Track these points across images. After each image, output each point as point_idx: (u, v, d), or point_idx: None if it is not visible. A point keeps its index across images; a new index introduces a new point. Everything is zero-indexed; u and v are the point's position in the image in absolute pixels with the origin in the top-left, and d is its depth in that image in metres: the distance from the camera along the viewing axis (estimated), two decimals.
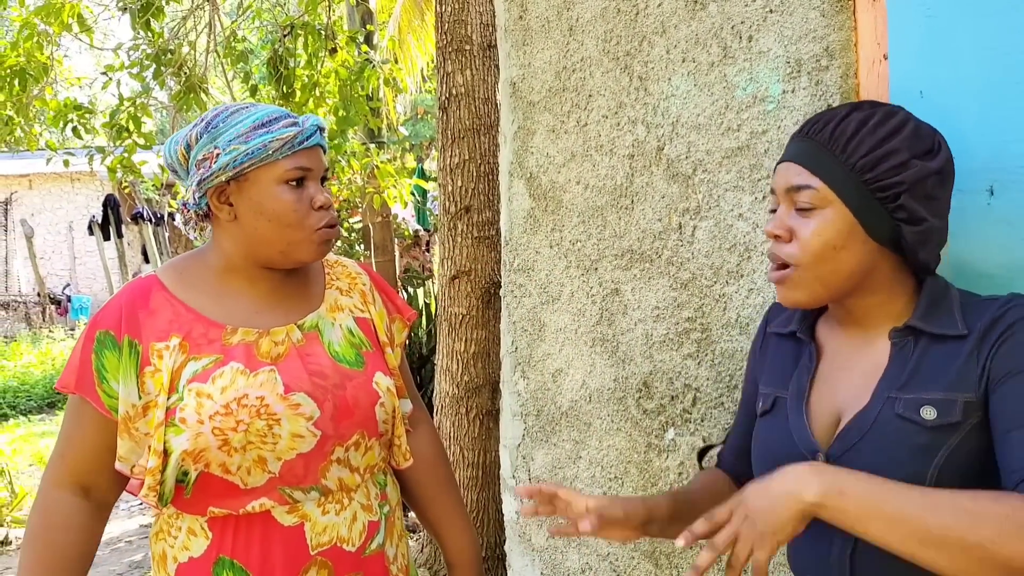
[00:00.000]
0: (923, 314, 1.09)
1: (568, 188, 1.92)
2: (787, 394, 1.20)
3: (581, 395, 1.92)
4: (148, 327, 1.30)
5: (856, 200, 1.06)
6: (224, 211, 1.34)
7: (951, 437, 1.02)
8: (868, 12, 1.37)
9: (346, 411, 1.35)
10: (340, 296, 1.46)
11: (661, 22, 1.68)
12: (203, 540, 1.31)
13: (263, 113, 1.33)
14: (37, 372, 10.27)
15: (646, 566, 1.79)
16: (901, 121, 1.07)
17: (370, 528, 1.39)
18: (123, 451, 1.31)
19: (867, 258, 1.09)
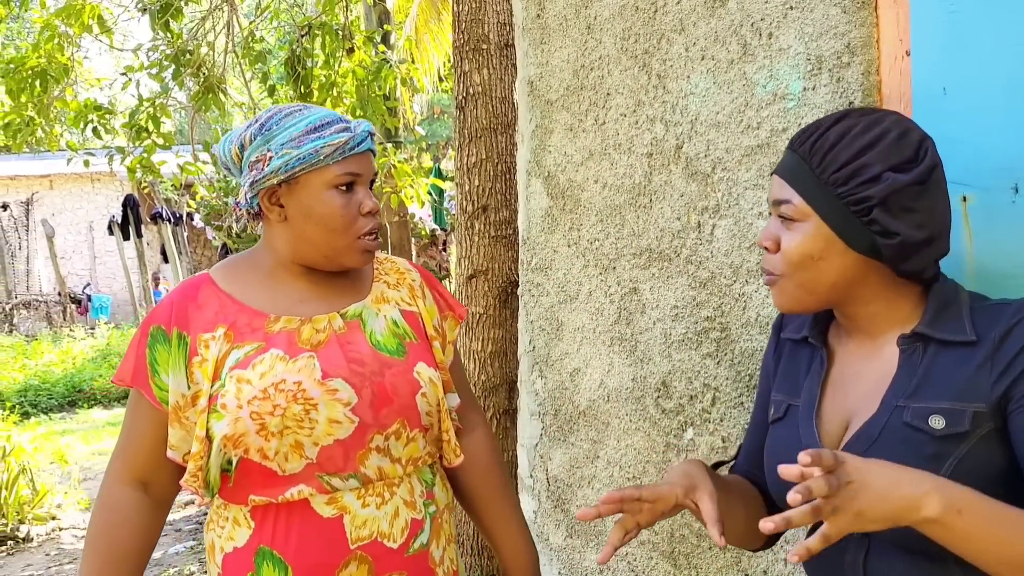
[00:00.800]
0: (931, 320, 1.08)
1: (586, 187, 1.91)
2: (799, 401, 1.20)
3: (599, 394, 1.92)
4: (196, 320, 1.35)
5: (831, 214, 1.07)
6: (275, 212, 1.37)
7: (959, 447, 1.01)
8: (890, 8, 1.36)
9: (385, 398, 1.35)
10: (387, 289, 1.48)
11: (680, 19, 1.67)
12: (246, 530, 1.34)
13: (316, 117, 1.35)
14: (58, 371, 10.37)
15: (664, 566, 1.78)
16: (882, 132, 1.06)
17: (413, 526, 1.37)
18: (174, 440, 1.35)
19: (851, 268, 1.09)
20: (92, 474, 6.64)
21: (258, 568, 1.32)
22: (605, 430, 1.91)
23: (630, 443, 1.85)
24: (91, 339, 12.52)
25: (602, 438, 1.92)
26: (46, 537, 5.16)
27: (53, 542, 5.09)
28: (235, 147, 1.38)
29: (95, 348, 11.68)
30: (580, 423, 1.97)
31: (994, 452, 1.01)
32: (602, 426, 1.92)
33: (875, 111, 1.11)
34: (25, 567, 4.67)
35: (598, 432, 1.93)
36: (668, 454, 1.77)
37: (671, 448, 1.76)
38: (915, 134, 1.08)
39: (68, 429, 8.31)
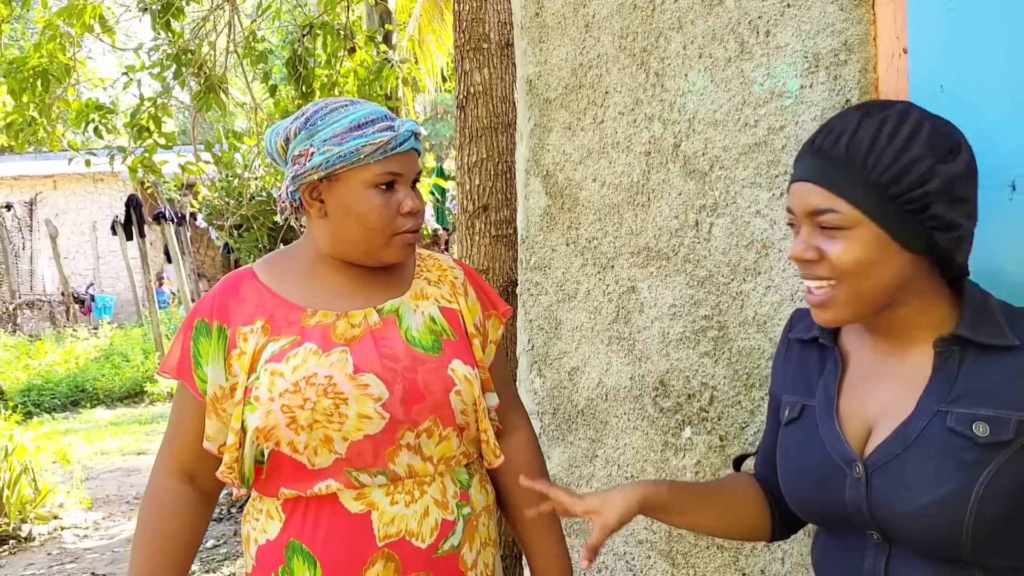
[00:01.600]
0: (970, 323, 1.05)
1: (584, 185, 1.91)
2: (814, 402, 1.18)
3: (597, 393, 1.91)
4: (236, 313, 1.37)
5: (885, 216, 1.03)
6: (315, 207, 1.37)
7: (1000, 454, 1.00)
8: (887, 5, 1.36)
9: (417, 395, 1.34)
10: (427, 286, 1.47)
11: (678, 18, 1.67)
12: (277, 523, 1.35)
13: (361, 114, 1.34)
14: (61, 371, 10.39)
15: (663, 565, 1.78)
16: (916, 124, 1.04)
17: (443, 527, 1.36)
18: (211, 431, 1.37)
19: (905, 270, 1.06)
20: (94, 474, 6.65)
21: (289, 561, 1.33)
22: (604, 429, 1.91)
23: (628, 442, 1.84)
24: (94, 339, 12.55)
25: (600, 437, 1.91)
26: (48, 536, 5.17)
27: (55, 541, 5.10)
28: (281, 140, 1.39)
29: (98, 348, 11.71)
30: (579, 422, 1.97)
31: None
32: (600, 425, 1.91)
33: (886, 104, 1.08)
34: (27, 566, 4.68)
35: (596, 431, 1.92)
36: (666, 453, 1.76)
37: (669, 447, 1.76)
38: (943, 122, 1.05)
39: (71, 429, 8.32)
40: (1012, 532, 1.01)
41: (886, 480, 1.06)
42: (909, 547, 1.06)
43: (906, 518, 1.04)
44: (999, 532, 1.01)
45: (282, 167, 1.44)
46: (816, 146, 1.08)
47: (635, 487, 1.20)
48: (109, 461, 7.12)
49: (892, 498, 1.05)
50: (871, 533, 1.09)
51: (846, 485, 1.10)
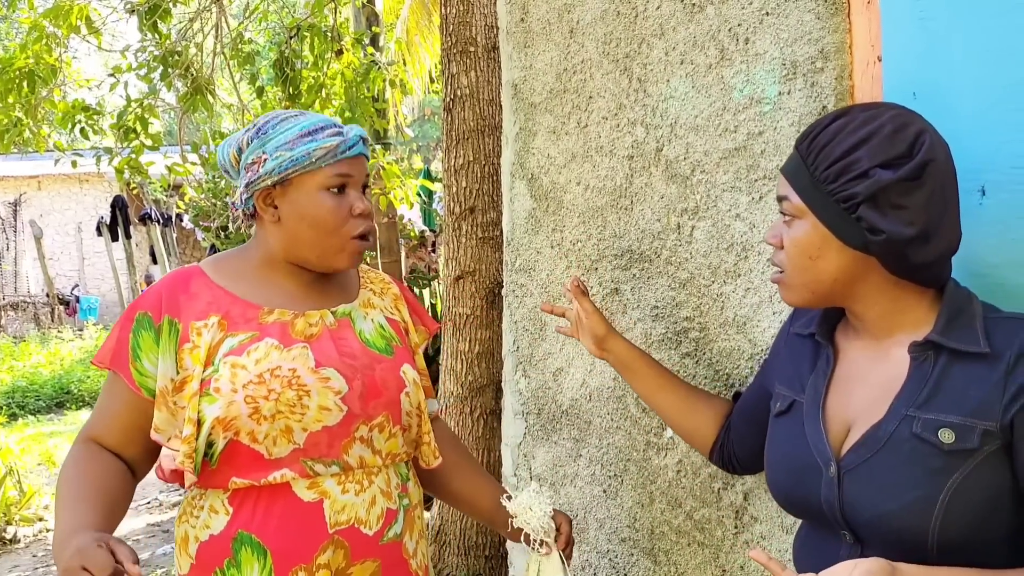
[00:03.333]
0: (943, 328, 1.07)
1: (569, 189, 1.94)
2: (803, 398, 1.21)
3: (581, 394, 1.94)
4: (188, 308, 1.39)
5: (824, 211, 1.09)
6: (269, 213, 1.42)
7: (966, 462, 1.02)
8: (862, 14, 1.39)
9: (374, 391, 1.41)
10: (373, 296, 1.55)
11: (660, 24, 1.70)
12: (223, 516, 1.36)
13: (310, 122, 1.41)
14: (46, 372, 10.32)
15: (645, 562, 1.81)
16: (876, 127, 1.07)
17: (388, 515, 1.42)
18: (160, 422, 1.38)
19: (850, 265, 1.10)
20: None
21: (236, 553, 1.35)
22: (587, 429, 1.93)
23: (611, 441, 1.87)
24: (79, 340, 12.48)
25: (584, 437, 1.94)
26: (33, 538, 5.15)
27: (40, 543, 5.08)
28: (233, 151, 1.45)
29: (83, 349, 11.64)
30: (563, 422, 1.99)
31: (997, 470, 1.02)
32: (584, 425, 1.94)
33: (878, 106, 1.12)
34: (12, 568, 4.66)
35: (580, 431, 1.95)
36: (648, 452, 1.79)
37: (651, 446, 1.78)
38: (913, 129, 1.07)
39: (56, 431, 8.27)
40: (977, 539, 1.03)
41: (857, 482, 1.09)
42: (879, 549, 1.08)
43: (874, 521, 1.06)
44: (964, 538, 1.02)
45: (234, 179, 1.49)
46: (797, 140, 1.15)
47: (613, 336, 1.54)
48: None
49: (861, 501, 1.08)
50: (843, 533, 1.12)
51: (821, 483, 1.13)
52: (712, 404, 1.49)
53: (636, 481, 1.82)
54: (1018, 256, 1.21)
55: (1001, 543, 1.05)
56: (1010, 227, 1.21)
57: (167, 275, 1.47)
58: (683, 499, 1.72)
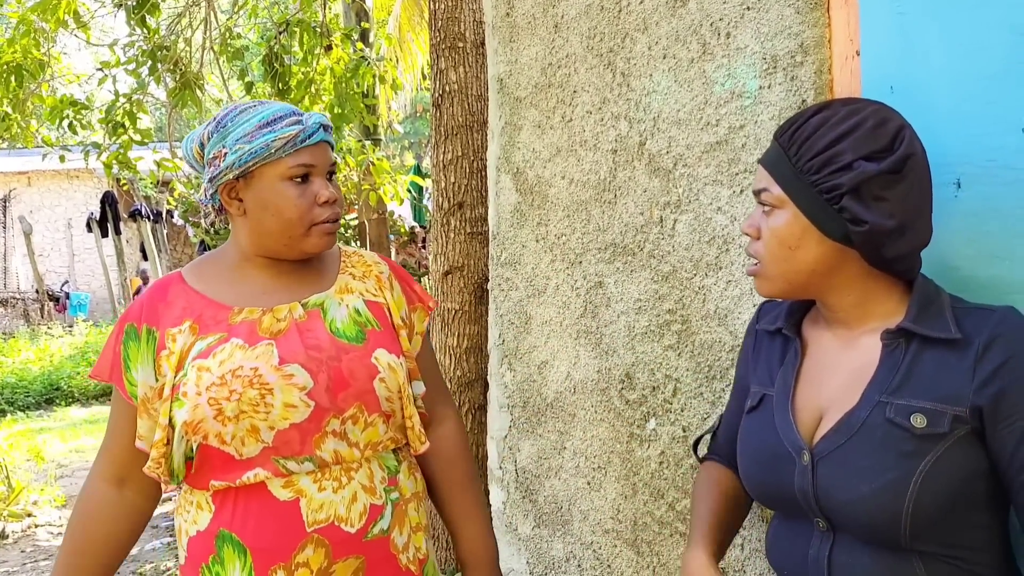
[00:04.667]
0: (915, 316, 1.10)
1: (553, 183, 1.95)
2: (773, 391, 1.23)
3: (566, 386, 1.95)
4: (165, 316, 1.41)
5: (806, 202, 1.11)
6: (234, 206, 1.42)
7: (937, 446, 1.04)
8: (841, 9, 1.40)
9: (341, 383, 1.39)
10: (352, 280, 1.52)
11: (643, 19, 1.71)
12: (207, 514, 1.38)
13: (269, 112, 1.40)
14: (35, 369, 10.29)
15: (628, 554, 1.82)
16: (859, 121, 1.09)
17: (372, 511, 1.40)
18: (142, 430, 1.40)
19: (828, 256, 1.12)
20: (69, 471, 6.61)
21: (219, 550, 1.35)
22: (572, 421, 1.95)
23: (595, 434, 1.88)
24: (69, 337, 12.43)
25: (568, 429, 1.95)
26: (21, 534, 5.14)
27: (29, 539, 5.07)
28: (195, 146, 1.44)
29: (73, 346, 11.60)
30: (548, 415, 2.01)
31: (968, 454, 1.04)
32: (569, 417, 1.95)
33: (858, 101, 1.14)
34: (0, 563, 4.65)
35: (565, 423, 1.96)
36: (632, 444, 1.81)
37: (634, 438, 1.80)
38: (893, 124, 1.10)
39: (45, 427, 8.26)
40: (948, 522, 1.05)
41: (831, 468, 1.10)
42: (852, 534, 1.10)
43: (848, 505, 1.08)
44: (936, 521, 1.05)
45: (200, 172, 1.48)
46: (775, 133, 1.17)
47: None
48: (84, 459, 7.07)
49: (836, 486, 1.10)
50: (817, 520, 1.14)
51: (795, 472, 1.14)
52: (726, 480, 1.39)
53: (619, 473, 1.83)
54: (992, 248, 1.22)
55: (971, 528, 1.07)
56: (984, 220, 1.23)
57: (151, 284, 1.49)
58: (665, 490, 1.74)
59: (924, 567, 1.06)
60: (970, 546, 1.07)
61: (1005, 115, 1.20)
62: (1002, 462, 1.04)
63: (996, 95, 1.21)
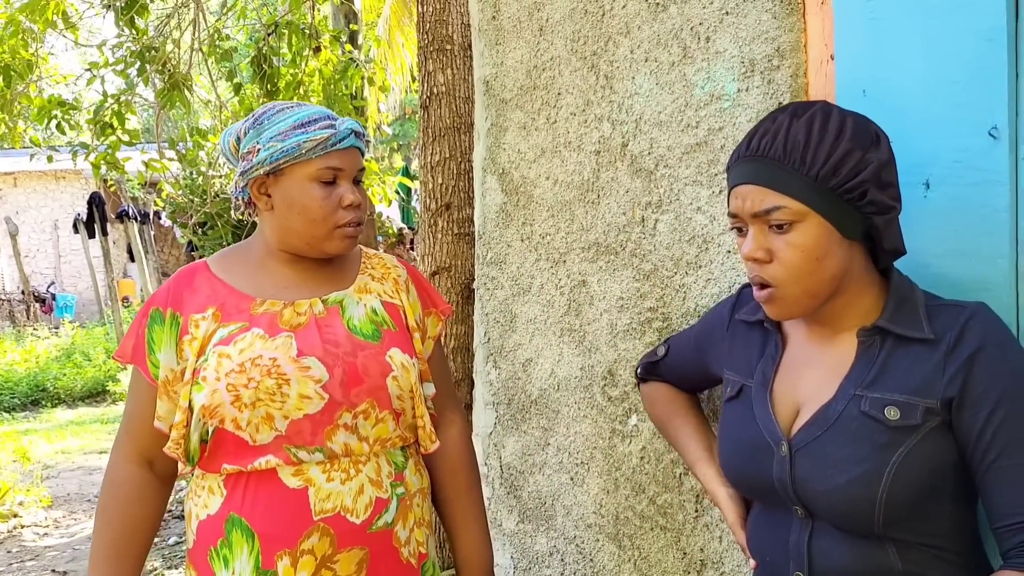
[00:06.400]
0: (891, 316, 1.14)
1: (538, 183, 1.98)
2: (752, 382, 1.26)
3: (550, 384, 1.98)
4: (189, 302, 1.46)
5: (829, 207, 1.10)
6: (262, 201, 1.48)
7: (910, 438, 1.08)
8: (816, 14, 1.44)
9: (355, 378, 1.43)
10: (371, 281, 1.56)
11: (625, 23, 1.75)
12: (219, 497, 1.42)
13: (305, 114, 1.45)
14: (21, 370, 10.25)
15: (610, 547, 1.86)
16: (840, 120, 1.12)
17: (377, 504, 1.43)
18: (161, 411, 1.45)
19: (845, 257, 1.13)
20: (55, 472, 6.60)
21: (228, 534, 1.39)
22: (555, 418, 1.98)
23: (578, 430, 1.92)
24: (55, 338, 12.39)
25: (552, 426, 1.98)
26: (7, 534, 5.13)
27: (15, 539, 5.06)
28: (232, 139, 1.51)
29: (59, 347, 11.56)
30: (532, 412, 2.04)
31: (939, 445, 1.09)
32: (552, 414, 1.98)
33: (808, 104, 1.17)
34: None
35: (548, 420, 1.99)
36: (614, 440, 1.84)
37: (616, 434, 1.83)
38: (860, 116, 1.14)
39: (31, 428, 8.23)
40: (921, 511, 1.10)
41: (808, 459, 1.14)
42: (829, 522, 1.14)
43: (825, 495, 1.12)
44: (908, 510, 1.09)
45: (234, 166, 1.54)
46: (752, 149, 1.14)
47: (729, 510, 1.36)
48: (70, 460, 7.06)
49: (813, 476, 1.13)
50: (796, 509, 1.17)
51: (773, 462, 1.18)
52: (686, 398, 1.56)
53: (602, 468, 1.87)
54: (960, 246, 1.26)
55: (943, 517, 1.11)
56: (952, 219, 1.27)
57: (178, 271, 1.54)
58: (646, 485, 1.77)
59: (898, 554, 1.10)
60: (942, 534, 1.11)
61: (972, 118, 1.24)
62: (968, 448, 1.08)
63: (963, 99, 1.25)
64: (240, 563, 1.38)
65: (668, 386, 1.55)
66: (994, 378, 1.06)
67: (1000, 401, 1.05)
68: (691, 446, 1.44)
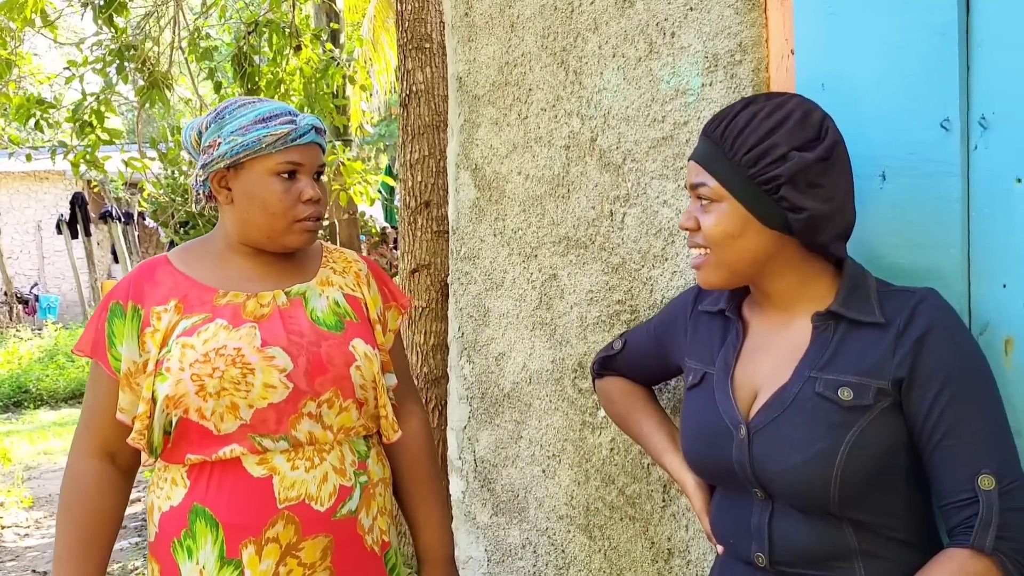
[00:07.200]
0: (843, 301, 1.17)
1: (510, 178, 2.00)
2: (714, 369, 1.29)
3: (522, 377, 2.00)
4: (151, 295, 1.47)
5: (744, 193, 1.16)
6: (223, 194, 1.50)
7: (863, 417, 1.11)
8: (777, 10, 1.46)
9: (319, 367, 1.45)
10: (333, 274, 1.59)
11: (594, 19, 1.77)
12: (182, 488, 1.43)
13: (266, 109, 1.48)
14: (3, 372, 10.19)
15: (581, 539, 1.87)
16: (786, 114, 1.15)
17: (341, 492, 1.46)
18: (124, 403, 1.46)
19: (767, 244, 1.18)
20: (37, 473, 6.57)
21: (191, 524, 1.40)
22: (527, 411, 1.99)
23: (550, 423, 1.94)
24: (38, 339, 12.30)
25: (524, 419, 2.00)
26: None
27: None
28: (194, 133, 1.52)
29: (42, 348, 11.49)
30: (505, 405, 2.05)
31: (891, 424, 1.11)
32: (525, 407, 2.00)
33: (780, 95, 1.20)
34: None
35: (521, 413, 2.01)
36: (584, 431, 1.86)
37: (587, 426, 1.85)
38: (817, 114, 1.17)
39: (13, 430, 8.18)
40: (875, 491, 1.12)
41: (765, 440, 1.17)
42: (788, 503, 1.17)
43: (782, 475, 1.14)
44: (862, 489, 1.11)
45: (196, 159, 1.56)
46: (704, 129, 1.22)
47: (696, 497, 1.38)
48: (52, 461, 7.02)
49: (770, 457, 1.16)
50: (755, 491, 1.20)
51: (732, 446, 1.20)
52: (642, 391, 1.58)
53: (573, 460, 1.89)
54: (914, 237, 1.29)
55: (896, 498, 1.13)
56: (907, 210, 1.29)
57: (138, 265, 1.54)
58: (616, 476, 1.79)
59: (854, 534, 1.13)
60: (896, 515, 1.14)
61: (925, 111, 1.27)
62: (916, 428, 1.11)
63: (917, 92, 1.27)
64: (204, 553, 1.39)
65: (625, 380, 1.57)
66: (941, 360, 1.08)
67: (946, 382, 1.08)
68: (655, 437, 1.46)
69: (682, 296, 1.45)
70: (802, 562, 1.16)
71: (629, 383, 1.57)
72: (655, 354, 1.49)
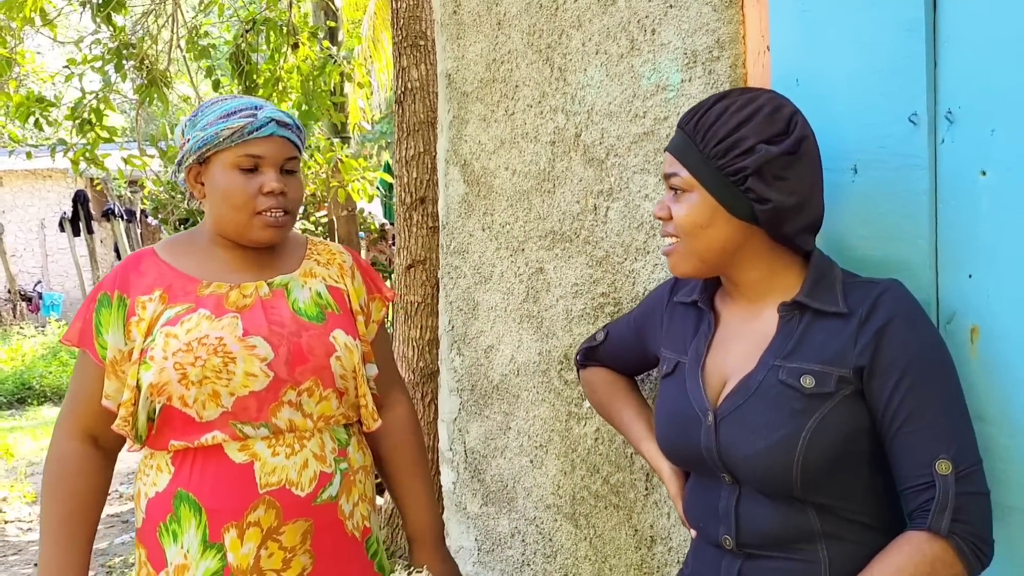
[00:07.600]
0: (809, 291, 1.20)
1: (498, 174, 2.03)
2: (687, 359, 1.33)
3: (510, 369, 2.03)
4: (136, 285, 1.51)
5: (713, 184, 1.19)
6: (197, 189, 1.55)
7: (824, 404, 1.14)
8: (754, 7, 1.49)
9: (300, 357, 1.49)
10: (316, 266, 1.63)
11: (577, 16, 1.80)
12: (167, 475, 1.47)
13: (231, 105, 1.52)
14: (7, 368, 10.25)
15: (567, 527, 1.91)
16: (756, 108, 1.18)
17: (321, 478, 1.49)
18: (109, 390, 1.50)
19: (735, 234, 1.21)
20: (39, 469, 6.61)
21: (176, 509, 1.44)
22: (516, 403, 2.03)
23: (537, 414, 1.97)
24: (41, 336, 12.37)
25: (513, 410, 2.04)
26: None
27: None
28: (179, 132, 1.58)
29: (45, 345, 11.55)
30: (494, 397, 2.09)
31: (852, 411, 1.15)
32: (513, 399, 2.03)
33: (753, 90, 1.23)
34: None
35: (509, 404, 2.04)
36: (570, 422, 1.89)
37: (573, 416, 1.88)
38: (787, 110, 1.20)
39: (16, 426, 8.23)
40: (837, 475, 1.15)
41: (731, 427, 1.20)
42: (753, 487, 1.20)
43: (747, 460, 1.18)
44: (824, 474, 1.14)
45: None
46: (680, 121, 1.26)
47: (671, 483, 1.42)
48: None
49: (736, 442, 1.19)
50: (723, 476, 1.23)
51: (701, 432, 1.24)
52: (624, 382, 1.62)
53: (559, 450, 1.92)
54: (884, 229, 1.32)
55: (858, 482, 1.17)
56: (877, 203, 1.32)
57: (125, 257, 1.61)
58: (600, 465, 1.83)
59: (818, 517, 1.16)
60: (859, 499, 1.17)
61: (894, 106, 1.29)
62: (877, 415, 1.14)
63: (886, 87, 1.30)
64: (188, 537, 1.42)
65: (607, 370, 1.61)
66: (902, 349, 1.11)
67: (907, 370, 1.11)
68: (635, 427, 1.50)
69: (659, 288, 1.49)
70: (767, 544, 1.19)
71: (611, 373, 1.61)
72: (635, 345, 1.52)
